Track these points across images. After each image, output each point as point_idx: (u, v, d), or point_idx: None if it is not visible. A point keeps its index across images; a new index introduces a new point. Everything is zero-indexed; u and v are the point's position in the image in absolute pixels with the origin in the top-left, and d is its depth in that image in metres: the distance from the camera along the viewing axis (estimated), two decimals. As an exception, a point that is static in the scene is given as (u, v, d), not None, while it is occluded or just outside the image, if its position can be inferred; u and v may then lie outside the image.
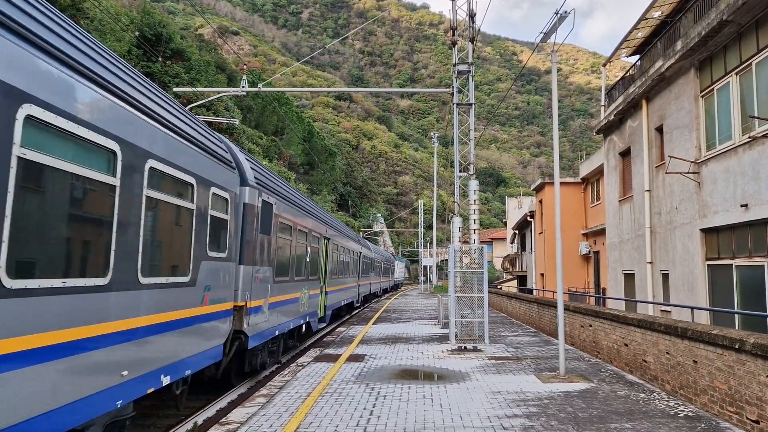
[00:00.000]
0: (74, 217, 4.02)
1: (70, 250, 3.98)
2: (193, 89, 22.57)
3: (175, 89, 21.72)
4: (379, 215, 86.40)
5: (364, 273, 26.82)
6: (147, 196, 5.12)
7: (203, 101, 22.81)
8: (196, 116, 8.71)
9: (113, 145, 4.52)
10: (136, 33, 30.62)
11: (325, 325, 15.53)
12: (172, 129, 5.76)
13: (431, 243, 53.03)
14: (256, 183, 8.52)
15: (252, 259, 8.18)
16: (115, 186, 4.55)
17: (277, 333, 9.78)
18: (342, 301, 19.05)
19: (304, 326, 12.83)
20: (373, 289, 32.24)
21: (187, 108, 7.42)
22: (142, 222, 5.04)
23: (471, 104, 14.07)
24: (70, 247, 4.00)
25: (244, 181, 8.12)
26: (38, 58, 3.67)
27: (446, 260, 17.51)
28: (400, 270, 63.00)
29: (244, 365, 8.89)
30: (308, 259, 12.24)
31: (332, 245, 16.03)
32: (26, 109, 3.49)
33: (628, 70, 17.59)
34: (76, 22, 24.58)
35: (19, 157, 3.42)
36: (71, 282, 3.93)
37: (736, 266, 10.78)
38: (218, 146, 7.42)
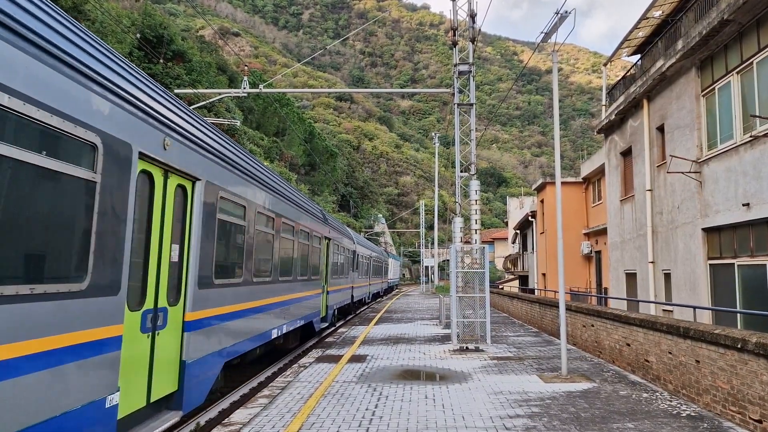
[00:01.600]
0: None
1: None
2: (195, 90, 22.63)
3: (176, 90, 21.78)
4: (381, 216, 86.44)
5: (340, 273, 19.11)
6: None
7: (204, 102, 22.88)
8: None
9: None
10: (138, 35, 30.70)
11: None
12: None
13: (433, 243, 53.04)
14: None
15: None
16: None
17: None
18: (285, 325, 10.76)
19: None
20: (357, 295, 24.39)
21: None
22: None
23: (472, 104, 14.07)
24: None
25: None
26: None
27: (448, 260, 17.07)
28: (395, 269, 55.35)
29: None
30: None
31: (223, 202, 6.81)
32: None
33: (629, 70, 17.59)
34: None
35: None
36: None
37: (738, 266, 10.77)
38: None
